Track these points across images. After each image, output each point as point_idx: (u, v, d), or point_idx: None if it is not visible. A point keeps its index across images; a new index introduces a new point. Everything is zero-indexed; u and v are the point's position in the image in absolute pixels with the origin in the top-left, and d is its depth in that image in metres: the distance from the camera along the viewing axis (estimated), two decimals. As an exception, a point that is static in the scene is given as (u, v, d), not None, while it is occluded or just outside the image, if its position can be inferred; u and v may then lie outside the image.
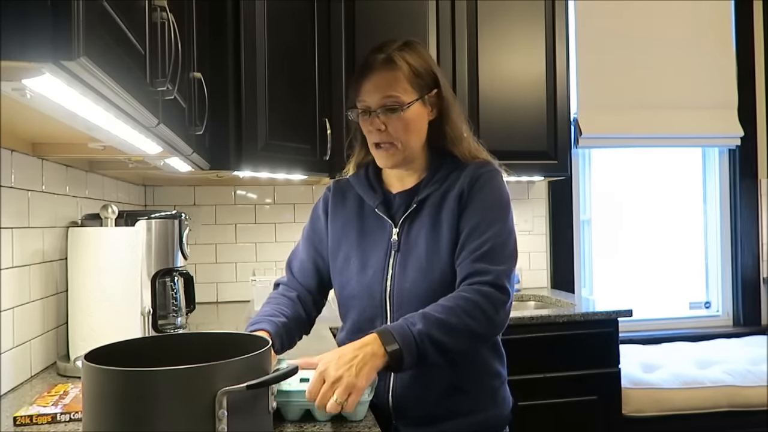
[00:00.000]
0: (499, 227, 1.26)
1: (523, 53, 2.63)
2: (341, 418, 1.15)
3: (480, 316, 1.18)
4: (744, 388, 2.45)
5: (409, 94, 1.28)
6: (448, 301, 1.19)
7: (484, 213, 1.26)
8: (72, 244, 1.51)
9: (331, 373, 1.07)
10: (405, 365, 1.13)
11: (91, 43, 0.67)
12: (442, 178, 1.32)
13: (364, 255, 1.34)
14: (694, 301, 3.28)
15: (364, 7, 2.46)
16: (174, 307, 1.80)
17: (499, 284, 1.21)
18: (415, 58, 1.30)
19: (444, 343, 1.15)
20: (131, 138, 1.16)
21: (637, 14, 3.07)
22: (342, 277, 1.37)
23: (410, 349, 1.12)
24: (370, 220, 1.36)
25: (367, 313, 1.31)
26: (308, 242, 1.46)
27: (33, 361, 1.49)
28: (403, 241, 1.31)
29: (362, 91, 1.30)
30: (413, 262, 1.28)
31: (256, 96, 2.10)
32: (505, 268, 1.23)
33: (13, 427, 1.13)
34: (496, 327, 1.23)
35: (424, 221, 1.30)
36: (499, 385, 1.35)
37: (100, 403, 0.83)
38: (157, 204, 2.70)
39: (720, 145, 3.23)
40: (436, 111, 1.33)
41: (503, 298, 1.21)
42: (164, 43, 1.03)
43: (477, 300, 1.18)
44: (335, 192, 1.45)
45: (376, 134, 1.30)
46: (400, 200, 1.35)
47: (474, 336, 1.20)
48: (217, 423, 0.82)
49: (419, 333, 1.13)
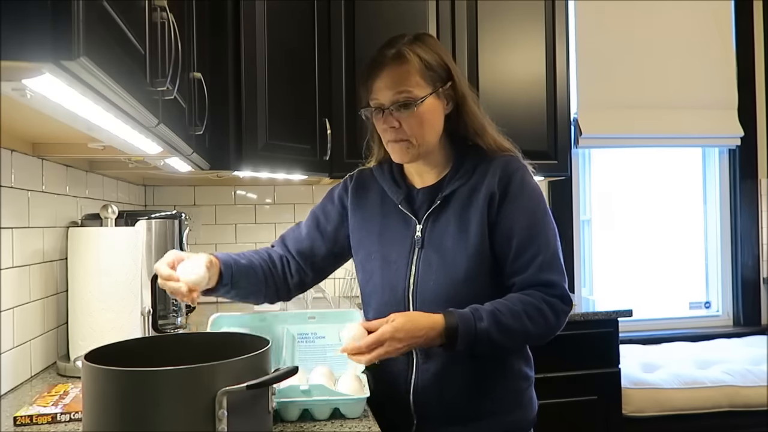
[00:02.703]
0: (547, 231, 1.26)
1: (523, 53, 2.63)
2: (341, 417, 1.15)
3: (542, 323, 1.20)
4: (744, 388, 2.45)
5: (421, 89, 1.24)
6: (517, 305, 1.20)
7: (530, 219, 1.25)
8: (72, 244, 1.51)
9: (395, 344, 1.12)
10: (455, 350, 1.17)
11: (91, 43, 0.67)
12: (468, 173, 1.30)
13: (386, 250, 1.33)
14: (694, 301, 3.28)
15: (364, 7, 2.46)
16: (174, 307, 1.80)
17: (564, 295, 1.24)
18: (426, 51, 1.26)
19: (499, 344, 1.19)
20: (131, 138, 1.16)
21: (637, 14, 3.07)
22: (365, 271, 1.37)
23: (467, 340, 1.16)
24: (392, 215, 1.35)
25: (389, 307, 1.29)
26: (313, 223, 1.44)
27: (33, 361, 1.49)
28: (427, 238, 1.29)
29: (374, 89, 1.27)
30: (437, 260, 1.27)
31: (256, 96, 2.10)
32: (564, 277, 1.26)
33: (13, 427, 1.13)
34: (553, 332, 1.25)
35: (449, 218, 1.28)
36: (526, 387, 1.34)
37: (100, 403, 0.83)
38: (157, 204, 2.70)
39: (720, 145, 3.23)
40: (452, 103, 1.30)
41: (567, 309, 1.24)
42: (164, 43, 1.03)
43: (543, 309, 1.21)
44: (357, 183, 1.43)
45: (390, 132, 1.27)
46: (423, 196, 1.33)
47: (527, 340, 1.26)
48: (217, 423, 0.83)
49: (481, 331, 1.16)
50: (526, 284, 1.24)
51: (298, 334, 1.38)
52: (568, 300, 1.24)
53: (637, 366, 2.62)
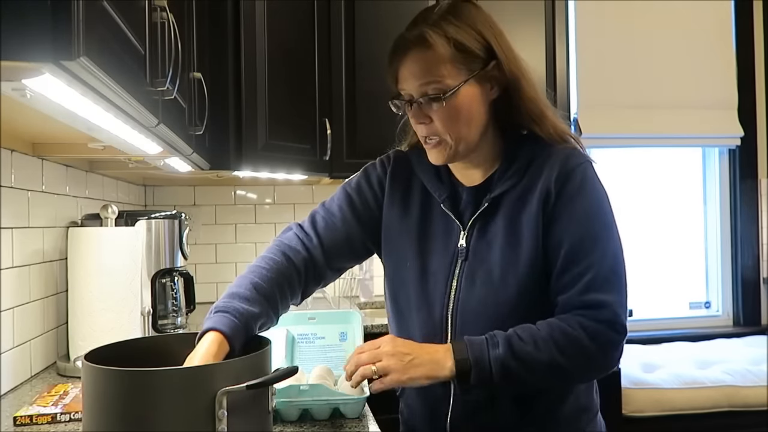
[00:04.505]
0: (607, 243, 1.04)
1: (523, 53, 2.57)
2: (341, 417, 1.15)
3: (577, 355, 0.99)
4: (744, 388, 2.45)
5: (453, 76, 1.02)
6: (543, 329, 0.99)
7: (586, 226, 1.03)
8: (72, 244, 1.51)
9: (386, 349, 1.00)
10: (470, 386, 0.99)
11: (91, 43, 0.67)
12: (520, 171, 1.07)
13: (425, 259, 1.12)
14: (694, 301, 3.28)
15: (364, 7, 2.46)
16: (174, 307, 1.80)
17: (615, 321, 1.00)
18: (460, 26, 1.03)
19: (522, 379, 0.99)
20: (131, 138, 1.16)
21: (637, 14, 3.06)
22: (395, 281, 1.16)
23: (481, 375, 0.98)
24: (434, 216, 1.13)
25: (423, 330, 1.10)
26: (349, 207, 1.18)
27: (33, 361, 1.49)
28: (473, 248, 1.08)
29: (400, 77, 1.06)
30: (483, 276, 1.06)
31: (256, 96, 2.10)
32: (620, 299, 1.02)
33: (13, 427, 1.13)
34: (599, 369, 1.04)
35: (498, 226, 1.06)
36: (588, 420, 1.13)
37: (100, 403, 0.83)
38: (157, 204, 2.70)
39: (720, 145, 3.23)
40: (497, 87, 1.07)
41: (617, 338, 1.00)
42: (164, 43, 1.03)
43: (579, 336, 0.98)
44: (398, 168, 1.19)
45: (422, 128, 1.07)
46: (468, 197, 1.11)
47: (565, 376, 1.03)
48: (217, 423, 0.82)
49: (496, 359, 0.98)
50: (568, 306, 1.02)
51: (298, 334, 1.38)
52: (620, 327, 1.00)
53: (637, 366, 2.62)
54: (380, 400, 1.34)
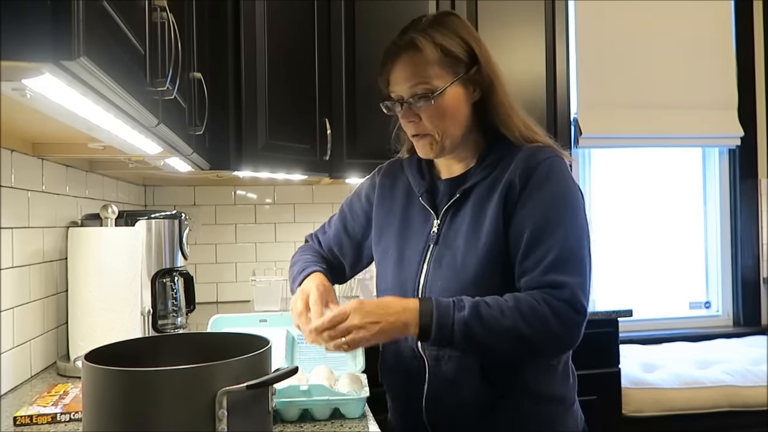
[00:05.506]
0: (569, 229, 1.10)
1: (523, 53, 2.63)
2: (341, 417, 1.15)
3: (540, 327, 1.05)
4: (744, 388, 2.45)
5: (440, 78, 1.14)
6: (510, 300, 1.07)
7: (547, 212, 1.10)
8: (72, 244, 1.51)
9: (354, 322, 1.06)
10: (430, 342, 1.08)
11: (91, 43, 0.67)
12: (492, 165, 1.18)
13: (402, 247, 1.24)
14: (694, 301, 3.28)
15: (364, 7, 2.46)
16: (174, 307, 1.80)
17: (574, 300, 1.06)
18: (446, 34, 1.15)
19: (483, 343, 1.06)
20: (131, 138, 1.17)
21: (637, 14, 3.07)
22: (380, 268, 1.30)
23: (443, 332, 1.05)
24: (414, 209, 1.26)
25: None
26: (341, 221, 1.41)
27: (33, 361, 1.49)
28: (443, 234, 1.19)
29: (391, 80, 1.18)
30: (448, 259, 1.16)
31: (256, 96, 2.10)
32: (581, 280, 1.08)
33: (13, 427, 1.13)
34: (562, 344, 1.11)
35: (466, 213, 1.17)
36: (562, 411, 1.20)
37: (100, 403, 0.83)
38: (157, 204, 2.70)
39: (720, 145, 3.23)
40: (479, 90, 1.19)
41: (577, 318, 1.07)
42: (164, 43, 1.03)
43: (543, 310, 1.05)
44: (385, 175, 1.36)
45: (411, 126, 1.19)
46: (444, 188, 1.23)
47: (526, 346, 1.07)
48: (217, 423, 0.82)
49: (459, 320, 1.04)
50: (529, 286, 1.09)
51: (298, 334, 1.38)
52: (580, 307, 1.06)
53: (637, 366, 2.62)
54: (380, 400, 1.34)
